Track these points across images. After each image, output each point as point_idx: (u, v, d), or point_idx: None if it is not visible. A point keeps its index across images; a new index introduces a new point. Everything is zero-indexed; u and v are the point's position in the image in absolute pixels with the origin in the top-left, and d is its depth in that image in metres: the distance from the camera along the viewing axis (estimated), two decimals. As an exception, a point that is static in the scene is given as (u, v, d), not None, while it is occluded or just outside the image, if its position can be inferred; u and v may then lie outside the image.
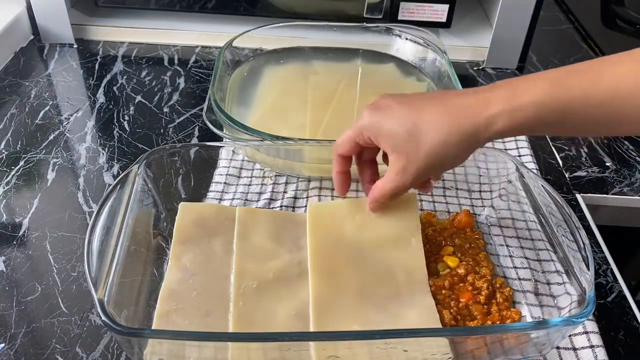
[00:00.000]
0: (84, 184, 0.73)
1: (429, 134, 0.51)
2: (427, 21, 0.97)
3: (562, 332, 0.49)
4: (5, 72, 0.93)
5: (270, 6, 0.99)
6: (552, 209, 0.58)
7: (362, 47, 0.90)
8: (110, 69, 0.95)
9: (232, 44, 0.84)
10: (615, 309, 0.61)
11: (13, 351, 0.55)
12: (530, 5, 0.94)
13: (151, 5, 1.00)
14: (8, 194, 0.71)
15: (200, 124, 0.83)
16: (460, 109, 0.51)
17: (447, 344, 0.49)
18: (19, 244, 0.65)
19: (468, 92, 0.52)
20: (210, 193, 0.70)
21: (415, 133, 0.52)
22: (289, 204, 0.69)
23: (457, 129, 0.51)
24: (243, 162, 0.73)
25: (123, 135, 0.81)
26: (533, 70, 1.00)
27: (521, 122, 0.49)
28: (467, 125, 0.50)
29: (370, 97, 0.82)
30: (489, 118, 0.50)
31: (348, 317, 0.54)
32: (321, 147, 0.69)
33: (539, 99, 0.49)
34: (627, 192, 0.77)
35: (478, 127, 0.50)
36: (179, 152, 0.66)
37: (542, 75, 0.50)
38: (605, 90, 0.48)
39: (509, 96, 0.49)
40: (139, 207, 0.59)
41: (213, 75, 0.76)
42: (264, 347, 0.48)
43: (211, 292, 0.56)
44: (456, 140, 0.51)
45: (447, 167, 0.56)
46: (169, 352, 0.48)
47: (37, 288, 0.60)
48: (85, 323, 0.57)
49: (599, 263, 0.66)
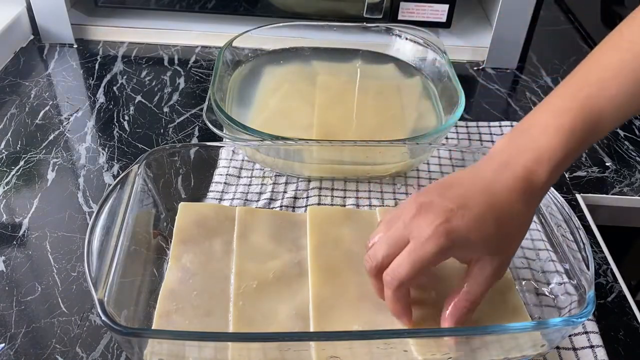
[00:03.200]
0: (84, 184, 0.73)
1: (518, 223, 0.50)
2: (427, 21, 0.97)
3: (562, 332, 0.49)
4: (5, 72, 0.93)
5: (270, 6, 0.99)
6: (552, 209, 0.58)
7: (362, 47, 0.90)
8: (110, 69, 0.95)
9: (232, 44, 0.84)
10: (615, 309, 0.61)
11: (13, 351, 0.55)
12: (530, 5, 0.94)
13: (151, 5, 1.00)
14: (8, 194, 0.71)
15: (200, 124, 0.83)
16: (519, 182, 0.49)
17: (447, 343, 0.49)
18: (19, 244, 0.65)
19: (500, 167, 0.50)
20: (210, 193, 0.70)
21: (504, 228, 0.49)
22: (289, 204, 0.69)
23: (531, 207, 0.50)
24: (243, 162, 0.74)
25: (123, 135, 0.81)
26: (533, 70, 1.00)
27: (559, 169, 0.50)
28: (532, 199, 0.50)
29: (371, 97, 0.83)
30: (540, 185, 0.50)
31: (348, 317, 0.54)
32: (321, 147, 0.69)
33: (567, 154, 0.50)
34: (627, 192, 0.77)
35: (538, 192, 0.50)
36: (179, 152, 0.66)
37: (548, 109, 0.51)
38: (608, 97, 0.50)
39: (532, 157, 0.49)
40: (139, 207, 0.59)
41: (213, 75, 0.76)
42: (264, 347, 0.48)
43: (211, 292, 0.56)
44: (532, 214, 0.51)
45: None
46: (169, 352, 0.48)
47: (37, 288, 0.60)
48: (85, 323, 0.57)
49: (599, 263, 0.66)
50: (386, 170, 0.72)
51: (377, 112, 0.80)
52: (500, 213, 0.48)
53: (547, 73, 0.99)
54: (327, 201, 0.70)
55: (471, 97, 0.92)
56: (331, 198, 0.70)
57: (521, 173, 0.49)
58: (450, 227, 0.47)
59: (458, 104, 0.72)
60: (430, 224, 0.47)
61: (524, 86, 0.96)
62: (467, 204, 0.48)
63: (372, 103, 0.82)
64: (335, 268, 0.58)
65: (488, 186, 0.50)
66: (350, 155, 0.71)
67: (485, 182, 0.50)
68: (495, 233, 0.48)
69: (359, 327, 0.53)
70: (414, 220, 0.49)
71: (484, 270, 0.49)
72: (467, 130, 0.82)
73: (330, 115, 0.78)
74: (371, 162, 0.71)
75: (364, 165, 0.72)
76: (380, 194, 0.71)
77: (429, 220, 0.48)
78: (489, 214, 0.48)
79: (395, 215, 0.51)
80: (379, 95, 0.83)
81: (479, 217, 0.48)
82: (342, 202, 0.70)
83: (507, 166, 0.50)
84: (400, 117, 0.79)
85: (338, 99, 0.82)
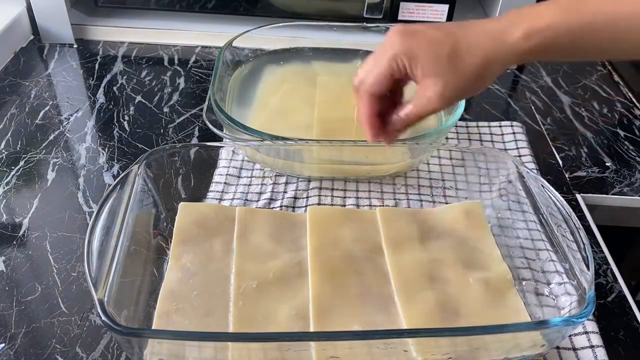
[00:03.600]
0: (84, 184, 0.73)
1: (472, 56, 0.52)
2: (427, 21, 0.97)
3: (562, 332, 0.49)
4: (5, 72, 0.93)
5: (270, 6, 0.99)
6: (552, 209, 0.58)
7: (362, 47, 0.90)
8: (110, 69, 0.95)
9: (232, 44, 0.84)
10: (615, 309, 0.61)
11: (13, 351, 0.55)
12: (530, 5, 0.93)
13: (151, 5, 1.00)
14: (8, 194, 0.71)
15: (200, 124, 0.83)
16: (493, 33, 0.52)
17: (448, 343, 0.49)
18: (19, 244, 0.65)
19: (491, 20, 0.55)
20: (210, 193, 0.70)
21: (456, 56, 0.52)
22: (289, 204, 0.69)
23: (495, 50, 0.52)
24: (243, 162, 0.73)
25: (123, 135, 0.81)
26: (533, 70, 1.00)
27: (538, 44, 0.51)
28: (503, 47, 0.52)
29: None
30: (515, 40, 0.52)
31: (348, 317, 0.54)
32: (321, 147, 0.69)
33: (555, 23, 0.51)
34: (627, 192, 0.77)
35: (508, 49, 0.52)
36: (179, 152, 0.66)
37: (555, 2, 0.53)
38: (611, 14, 0.51)
39: (530, 21, 0.51)
40: (139, 207, 0.59)
41: (213, 75, 0.76)
42: (264, 347, 0.48)
43: (211, 292, 0.56)
44: (494, 61, 0.53)
45: (476, 90, 0.56)
46: (169, 352, 0.48)
47: (37, 288, 0.60)
48: (85, 323, 0.57)
49: (599, 263, 0.66)
50: (386, 170, 0.72)
51: (377, 112, 0.80)
52: (459, 45, 0.52)
53: (547, 73, 0.99)
54: (327, 201, 0.70)
55: (471, 97, 0.92)
56: (331, 198, 0.70)
57: (501, 25, 0.52)
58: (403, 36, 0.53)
59: (458, 104, 0.72)
60: (394, 35, 0.53)
61: (524, 86, 0.96)
62: (436, 28, 0.54)
63: (372, 103, 0.82)
64: (335, 268, 0.58)
65: (461, 26, 0.54)
66: (350, 155, 0.71)
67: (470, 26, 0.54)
68: (446, 55, 0.52)
69: (359, 327, 0.53)
70: (387, 39, 0.54)
71: (424, 92, 0.53)
72: (467, 130, 0.82)
73: (330, 115, 0.78)
74: (371, 162, 0.71)
75: (364, 165, 0.72)
76: (380, 194, 0.71)
77: (396, 35, 0.53)
78: (448, 39, 0.53)
79: None
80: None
81: (438, 38, 0.53)
82: (342, 202, 0.70)
83: (497, 20, 0.53)
84: (400, 117, 0.79)
85: (338, 99, 0.82)
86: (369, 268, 0.59)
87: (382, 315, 0.54)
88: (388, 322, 0.54)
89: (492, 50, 0.52)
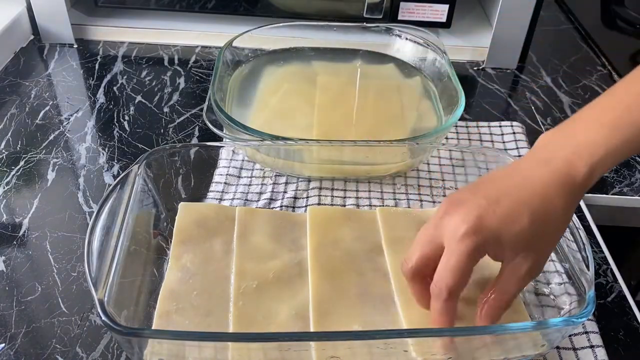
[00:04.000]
0: (84, 184, 0.73)
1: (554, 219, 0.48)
2: (427, 21, 0.97)
3: (562, 332, 0.49)
4: (5, 72, 0.93)
5: (270, 6, 0.99)
6: (552, 209, 0.58)
7: (362, 47, 0.90)
8: (110, 69, 0.95)
9: (232, 44, 0.84)
10: (615, 309, 0.61)
11: (13, 351, 0.55)
12: (530, 5, 0.94)
13: (151, 5, 1.00)
14: (8, 194, 0.71)
15: (200, 124, 0.83)
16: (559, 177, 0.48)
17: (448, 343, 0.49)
18: (19, 244, 0.65)
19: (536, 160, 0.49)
20: (210, 193, 0.70)
21: (539, 224, 0.47)
22: (289, 204, 0.69)
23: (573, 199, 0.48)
24: (243, 162, 0.74)
25: (123, 135, 0.81)
26: (533, 70, 1.00)
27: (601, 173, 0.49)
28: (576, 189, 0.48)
29: (371, 97, 0.83)
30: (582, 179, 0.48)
31: (348, 317, 0.54)
32: (321, 147, 0.69)
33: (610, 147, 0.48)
34: (627, 192, 0.77)
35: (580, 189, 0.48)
36: (179, 152, 0.66)
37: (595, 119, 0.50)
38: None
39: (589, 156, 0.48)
40: (139, 207, 0.59)
41: (213, 75, 0.76)
42: (264, 347, 0.48)
43: (211, 292, 0.56)
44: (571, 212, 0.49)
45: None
46: (169, 352, 0.48)
47: (37, 288, 0.60)
48: (85, 323, 0.57)
49: (599, 263, 0.66)
50: (386, 170, 0.72)
51: (377, 112, 0.80)
52: (535, 208, 0.46)
53: (547, 73, 0.99)
54: (327, 201, 0.70)
55: (471, 97, 0.92)
56: (331, 198, 0.70)
57: (560, 167, 0.48)
58: (480, 224, 0.46)
59: (458, 104, 0.72)
60: (461, 222, 0.46)
61: (524, 86, 0.96)
62: (500, 199, 0.47)
63: (372, 103, 0.82)
64: (335, 268, 0.58)
65: (524, 181, 0.48)
66: (350, 155, 0.71)
67: (521, 176, 0.48)
68: (528, 229, 0.46)
69: (359, 327, 0.53)
70: (444, 219, 0.47)
71: (517, 269, 0.47)
72: (467, 130, 0.82)
73: (330, 115, 0.78)
74: (371, 162, 0.71)
75: (364, 165, 0.72)
76: (380, 194, 0.71)
77: (460, 218, 0.46)
78: (523, 208, 0.46)
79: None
80: (379, 96, 0.83)
81: (512, 212, 0.46)
82: (342, 202, 0.70)
83: (546, 161, 0.48)
84: (400, 117, 0.79)
85: (338, 99, 0.82)
86: (369, 268, 0.59)
87: (382, 315, 0.54)
88: (388, 322, 0.54)
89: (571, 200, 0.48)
